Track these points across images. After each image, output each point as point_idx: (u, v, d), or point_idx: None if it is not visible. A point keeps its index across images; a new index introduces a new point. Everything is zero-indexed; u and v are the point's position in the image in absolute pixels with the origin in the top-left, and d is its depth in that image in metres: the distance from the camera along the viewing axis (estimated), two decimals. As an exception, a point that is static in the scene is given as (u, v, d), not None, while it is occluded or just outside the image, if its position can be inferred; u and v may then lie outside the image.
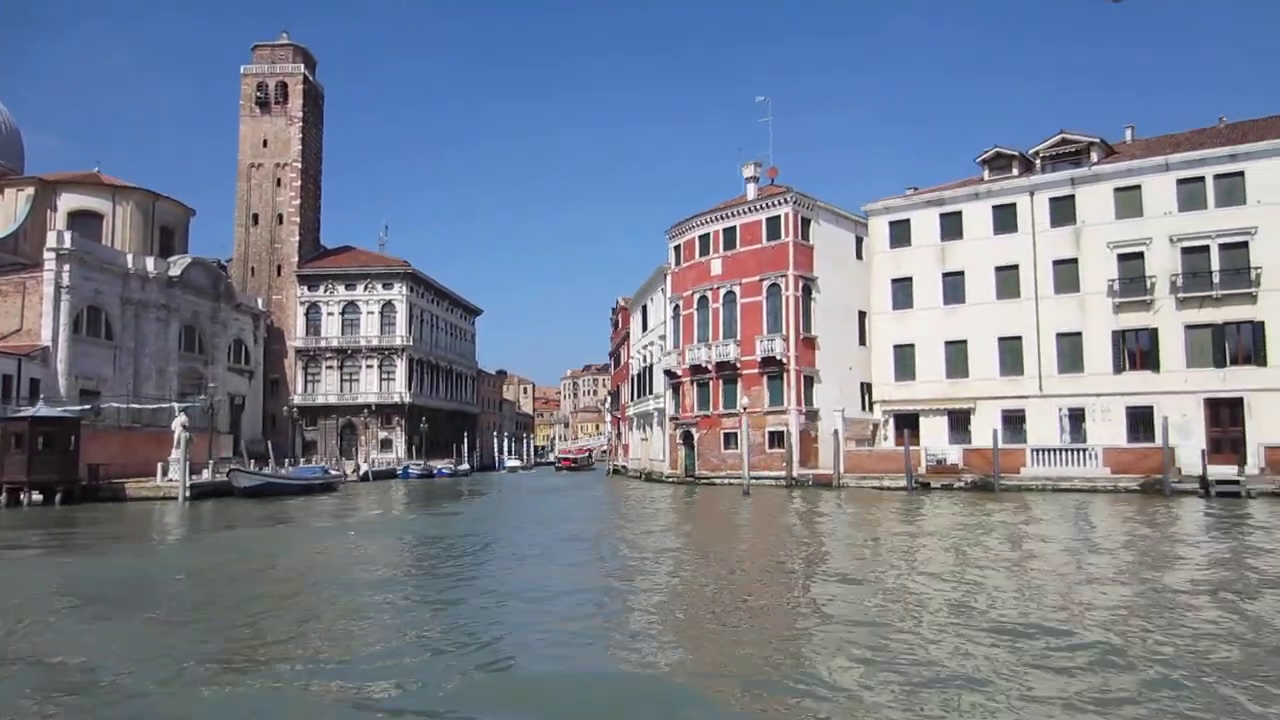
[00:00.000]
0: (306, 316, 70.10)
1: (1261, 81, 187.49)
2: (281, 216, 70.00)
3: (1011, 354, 38.12)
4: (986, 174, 40.46)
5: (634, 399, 57.71)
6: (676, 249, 46.49)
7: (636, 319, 57.97)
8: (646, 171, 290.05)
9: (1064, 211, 37.44)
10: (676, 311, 45.79)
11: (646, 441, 52.88)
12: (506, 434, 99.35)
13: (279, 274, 69.89)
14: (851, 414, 40.78)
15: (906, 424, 39.76)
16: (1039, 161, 38.91)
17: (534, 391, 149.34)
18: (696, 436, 43.61)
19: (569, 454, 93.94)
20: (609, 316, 75.72)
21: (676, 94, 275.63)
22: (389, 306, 70.85)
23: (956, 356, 39.40)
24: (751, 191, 43.07)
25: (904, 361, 40.90)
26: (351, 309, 70.66)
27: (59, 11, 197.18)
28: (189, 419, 37.66)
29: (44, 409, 34.76)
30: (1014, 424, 37.57)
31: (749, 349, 41.20)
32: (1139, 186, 35.97)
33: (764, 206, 41.50)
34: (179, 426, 35.98)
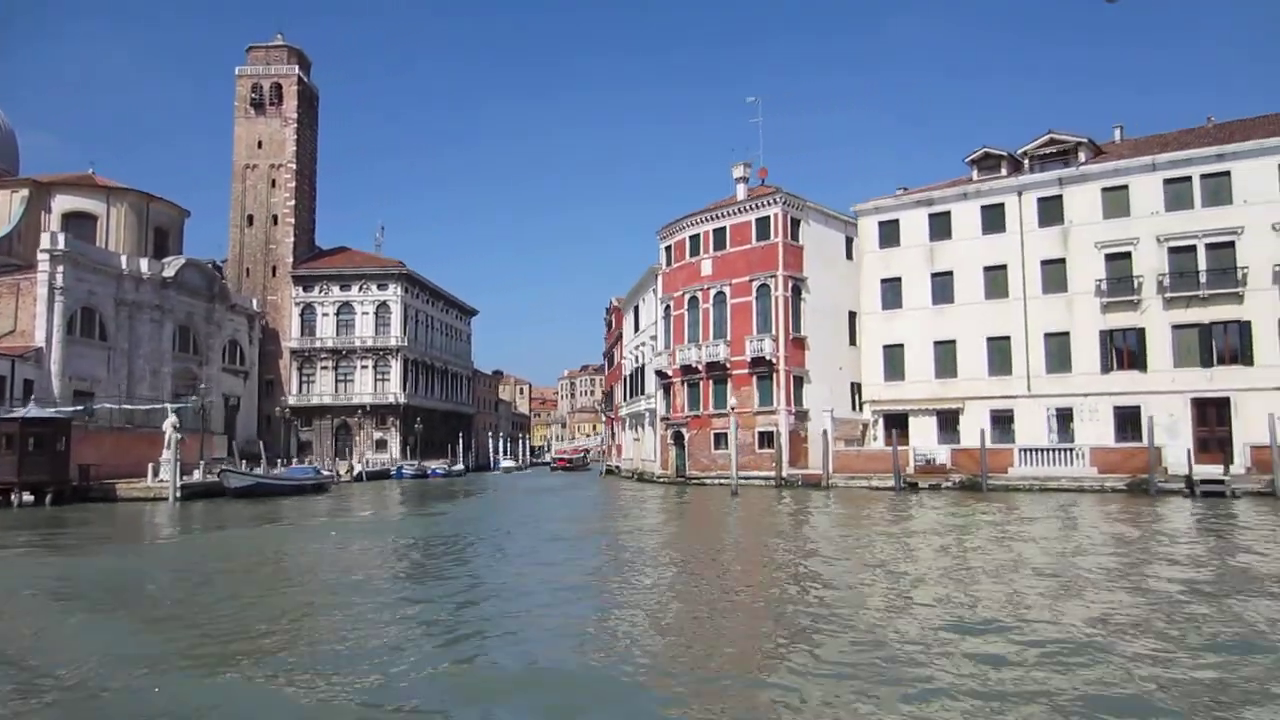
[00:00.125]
0: (301, 317, 70.22)
1: (1261, 81, 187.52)
2: (276, 217, 70.13)
3: (1000, 354, 38.20)
4: (975, 174, 40.55)
5: (626, 399, 57.82)
6: (667, 249, 46.59)
7: (629, 319, 58.10)
8: (646, 171, 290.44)
9: (1052, 211, 37.52)
10: (667, 312, 45.90)
11: (639, 442, 52.99)
12: (502, 434, 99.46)
13: (274, 275, 70.02)
14: (841, 414, 40.88)
15: (896, 424, 39.87)
16: (1027, 162, 39.00)
17: (530, 392, 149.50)
18: (687, 437, 43.70)
19: (564, 454, 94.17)
20: (603, 317, 75.85)
21: (676, 94, 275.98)
22: (384, 307, 70.97)
23: (945, 357, 39.48)
24: (741, 192, 43.18)
25: (893, 362, 40.98)
26: (346, 309, 70.78)
27: (58, 11, 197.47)
28: (181, 420, 37.84)
29: (34, 410, 34.87)
30: (1002, 424, 37.65)
31: (739, 349, 41.29)
32: (1126, 186, 36.05)
33: (753, 207, 41.59)
34: (169, 427, 36.15)
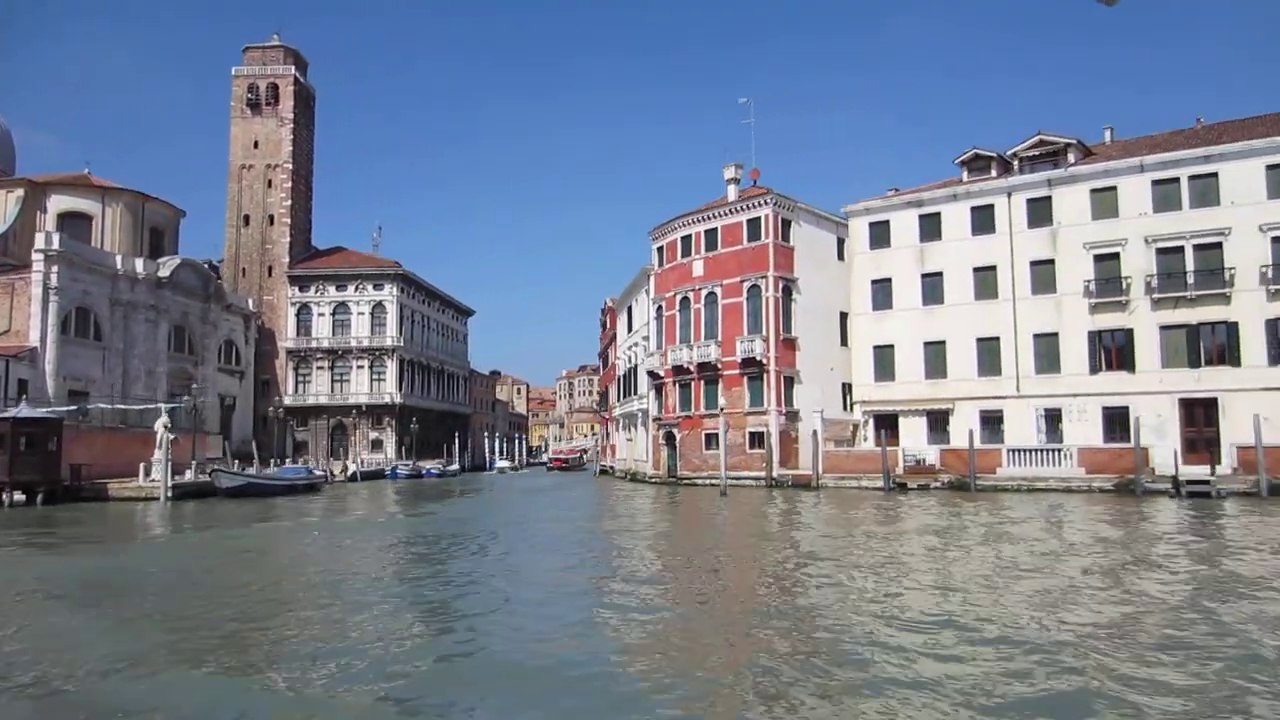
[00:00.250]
0: (297, 317, 70.37)
1: (1261, 81, 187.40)
2: (272, 217, 70.28)
3: (989, 355, 38.28)
4: (965, 175, 40.63)
5: (620, 400, 57.94)
6: (660, 250, 46.70)
7: (623, 320, 58.22)
8: (646, 171, 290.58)
9: (1041, 212, 37.60)
10: (659, 312, 46.00)
11: (632, 442, 53.10)
12: (499, 434, 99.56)
13: (270, 275, 70.17)
14: (832, 415, 40.98)
15: (886, 424, 39.99)
16: (1017, 163, 39.08)
17: (528, 392, 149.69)
18: (679, 437, 43.80)
19: (561, 454, 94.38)
20: (599, 317, 75.99)
21: (676, 94, 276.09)
22: (380, 307, 71.10)
23: (935, 357, 39.56)
24: (732, 193, 43.28)
25: (883, 362, 41.05)
26: (342, 310, 70.91)
27: (58, 11, 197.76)
28: (174, 420, 37.96)
29: (26, 410, 35.00)
30: (992, 424, 37.74)
31: (730, 350, 41.39)
32: (1115, 188, 36.12)
33: (744, 208, 41.70)
34: (161, 427, 36.28)
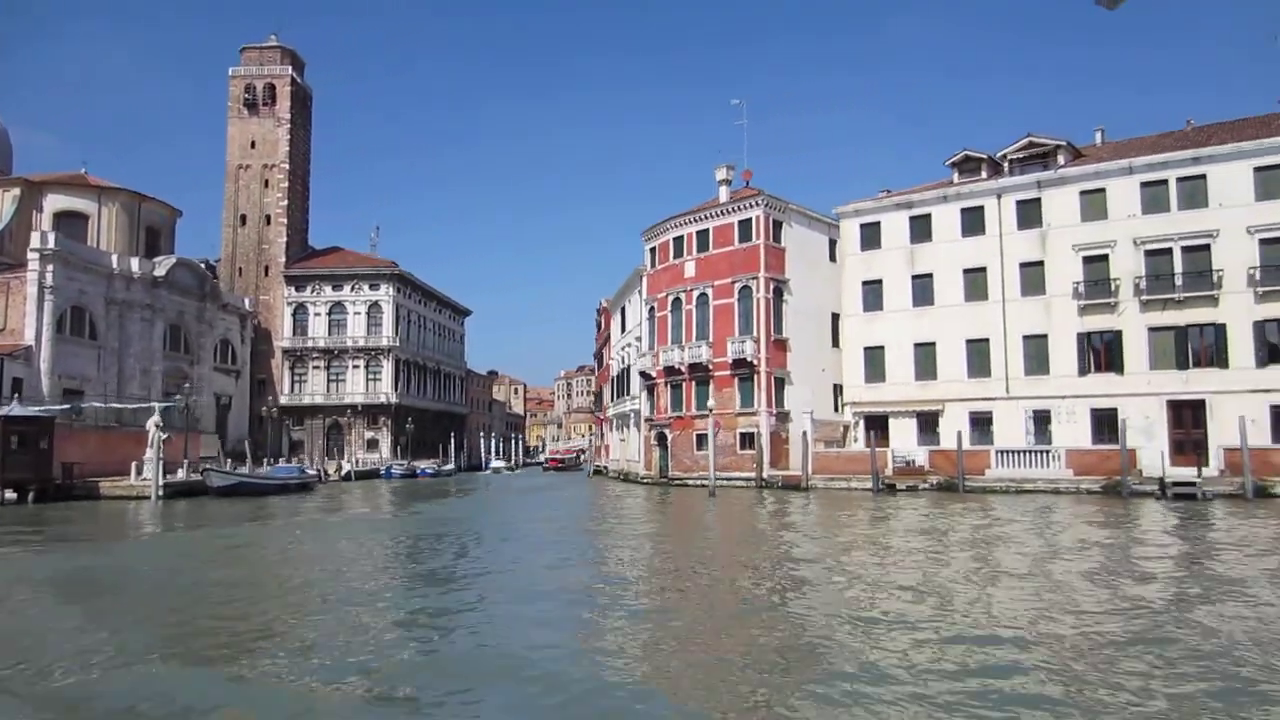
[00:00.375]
0: (293, 317, 70.55)
1: (1260, 81, 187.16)
2: (269, 217, 70.47)
3: (979, 356, 38.34)
4: (956, 177, 40.72)
5: (614, 400, 58.05)
6: (652, 251, 46.81)
7: (616, 320, 58.33)
8: (646, 171, 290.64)
9: (1030, 214, 37.66)
10: (652, 313, 46.11)
11: (625, 443, 53.20)
12: (496, 434, 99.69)
13: (266, 274, 70.36)
14: (824, 416, 41.09)
15: (876, 426, 40.05)
16: (1007, 164, 39.14)
17: (525, 392, 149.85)
18: (670, 438, 43.89)
19: (557, 455, 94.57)
20: (594, 318, 76.12)
21: (676, 94, 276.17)
22: (375, 307, 71.26)
23: (925, 359, 39.62)
24: (724, 194, 43.38)
25: (874, 363, 41.11)
26: (338, 309, 71.09)
27: (58, 11, 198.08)
28: (168, 419, 38.10)
29: (17, 408, 35.15)
30: (981, 426, 37.81)
31: (721, 351, 41.47)
32: (1104, 190, 36.18)
33: (735, 209, 41.79)
34: (152, 426, 36.43)
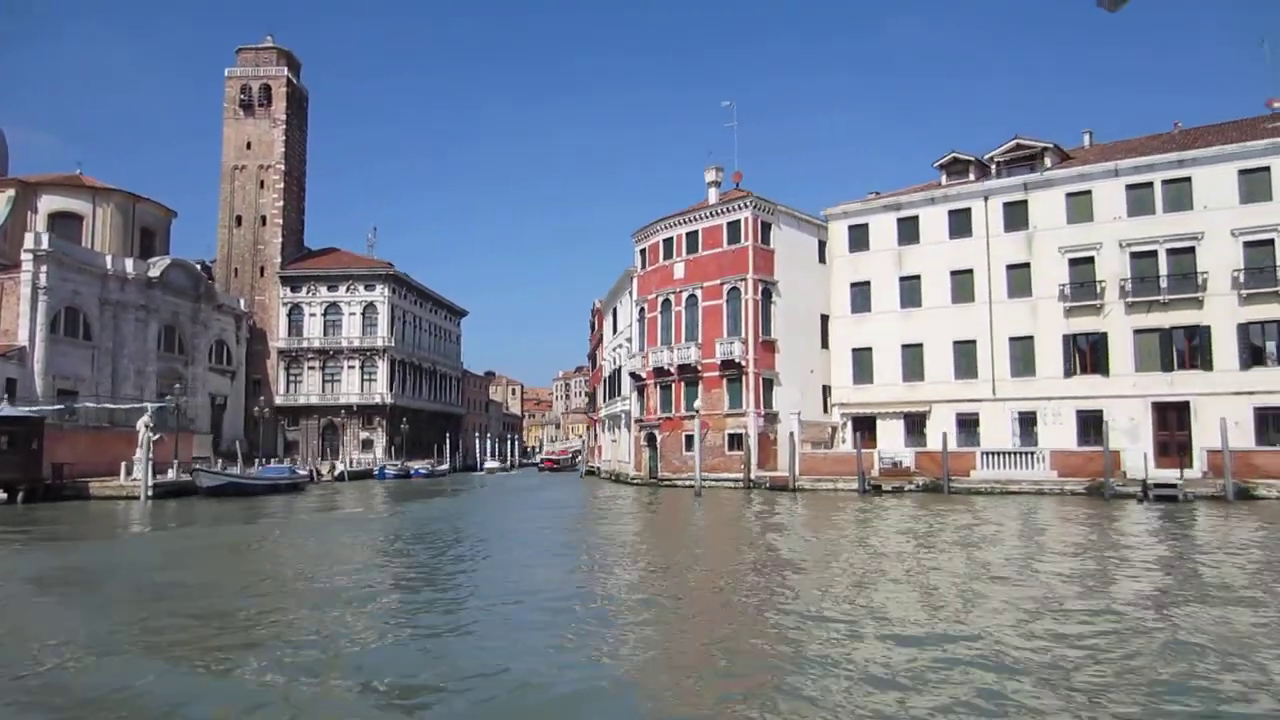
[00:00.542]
0: (289, 317, 70.74)
1: (1260, 81, 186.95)
2: (264, 218, 70.67)
3: (966, 358, 38.41)
4: (944, 179, 40.81)
5: (605, 401, 58.21)
6: (642, 252, 46.95)
7: (609, 322, 58.49)
8: (646, 172, 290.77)
9: (1017, 216, 37.74)
10: (642, 314, 46.25)
11: (616, 443, 53.35)
12: (493, 435, 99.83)
13: (262, 275, 70.56)
14: (813, 417, 41.18)
15: (864, 427, 40.16)
16: (994, 166, 39.24)
17: (523, 393, 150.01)
18: (659, 438, 44.01)
19: (552, 455, 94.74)
20: (589, 319, 76.24)
21: (676, 95, 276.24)
22: (371, 308, 71.44)
23: (913, 360, 39.70)
24: (713, 196, 43.50)
25: (862, 365, 41.19)
26: (334, 310, 71.28)
27: (58, 11, 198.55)
28: (158, 419, 38.25)
29: (7, 409, 35.35)
30: (968, 427, 37.90)
31: (709, 352, 41.60)
32: (1090, 192, 36.26)
33: (724, 211, 41.91)
34: (142, 426, 36.61)
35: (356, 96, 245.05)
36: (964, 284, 38.72)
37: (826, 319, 42.91)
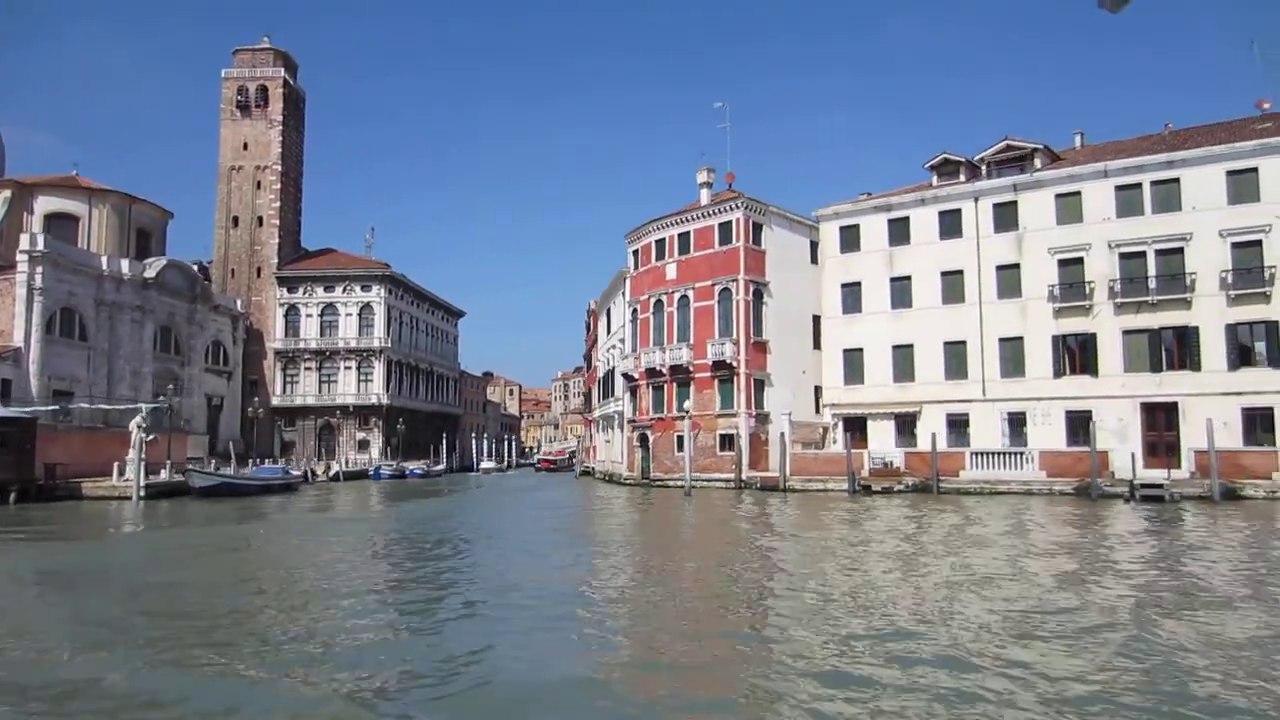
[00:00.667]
0: (285, 318, 70.88)
1: (1260, 82, 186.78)
2: (261, 219, 70.83)
3: (956, 358, 38.52)
4: (935, 180, 40.92)
5: (600, 401, 58.34)
6: (635, 253, 47.05)
7: (603, 322, 58.60)
8: (646, 172, 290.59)
9: (1007, 217, 37.85)
10: (634, 315, 46.37)
11: (610, 444, 53.46)
12: (491, 436, 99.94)
13: (258, 276, 70.71)
14: (805, 417, 41.25)
15: (855, 427, 40.27)
16: (985, 168, 39.34)
17: (521, 393, 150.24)
18: (652, 439, 44.12)
19: (549, 456, 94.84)
20: (584, 319, 76.37)
21: (676, 95, 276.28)
22: (367, 308, 71.57)
23: (903, 361, 39.81)
24: (705, 197, 43.59)
25: (853, 365, 41.30)
26: (330, 311, 71.41)
27: (58, 12, 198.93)
28: (152, 419, 38.35)
29: (0, 410, 35.48)
30: (958, 427, 38.00)
31: (701, 353, 41.68)
32: (1079, 193, 36.37)
33: (716, 212, 42.01)
34: (134, 427, 36.73)
35: (356, 96, 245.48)
36: (954, 285, 38.82)
37: (819, 320, 43.00)
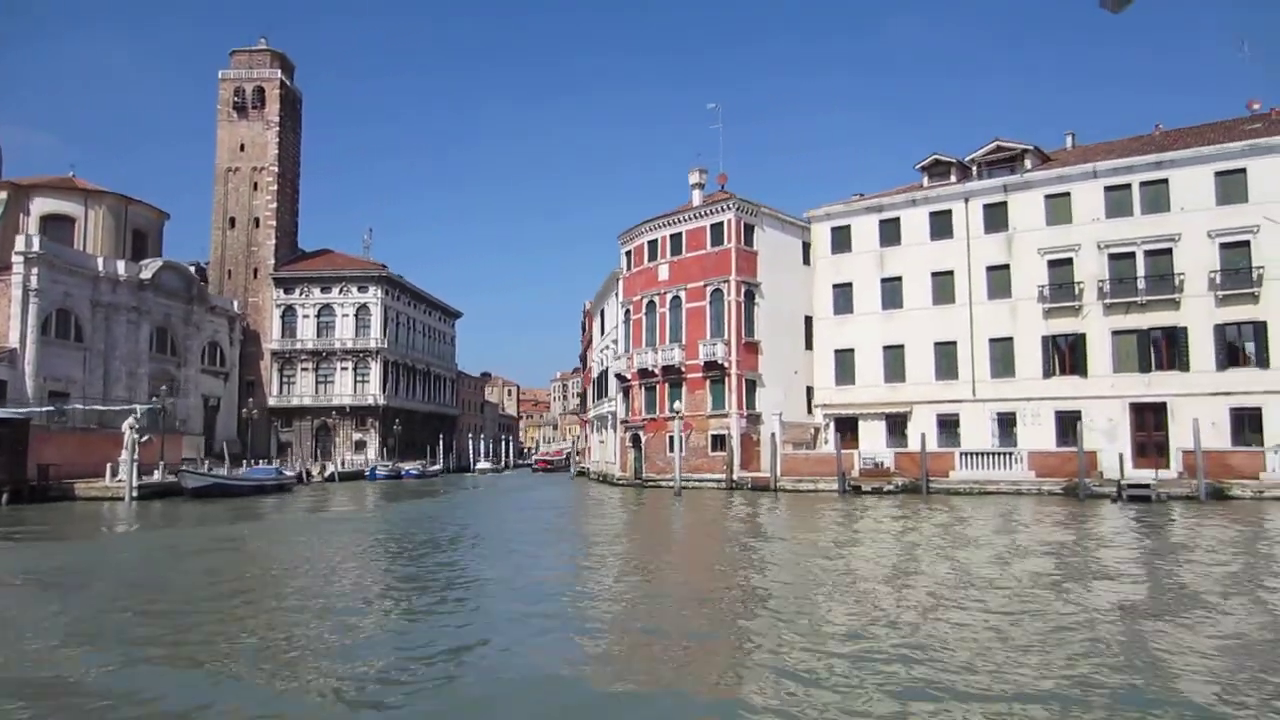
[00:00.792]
0: (282, 319, 71.00)
1: (1260, 82, 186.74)
2: (258, 220, 70.97)
3: (946, 359, 38.60)
4: (926, 180, 41.00)
5: (594, 402, 58.47)
6: (628, 254, 47.19)
7: (597, 323, 58.75)
8: (646, 172, 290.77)
9: (997, 218, 37.93)
10: (627, 316, 46.50)
11: (603, 444, 53.61)
12: (488, 436, 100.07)
13: (255, 277, 70.85)
14: (797, 418, 41.37)
15: (847, 428, 40.34)
16: (975, 168, 39.43)
17: (519, 394, 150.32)
18: (644, 439, 44.25)
19: (546, 456, 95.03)
20: (580, 320, 76.48)
21: (675, 95, 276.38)
22: (364, 309, 71.69)
23: (894, 361, 39.90)
24: (697, 198, 43.74)
25: (844, 366, 41.38)
26: (327, 311, 71.52)
27: (58, 12, 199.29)
28: (147, 420, 38.51)
29: (-7, 410, 35.64)
30: (949, 428, 38.08)
31: (693, 353, 41.83)
32: (1069, 194, 36.44)
33: (708, 213, 42.14)
34: (127, 428, 36.88)
35: (356, 97, 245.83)
36: (944, 285, 38.90)
37: (810, 320, 43.10)
